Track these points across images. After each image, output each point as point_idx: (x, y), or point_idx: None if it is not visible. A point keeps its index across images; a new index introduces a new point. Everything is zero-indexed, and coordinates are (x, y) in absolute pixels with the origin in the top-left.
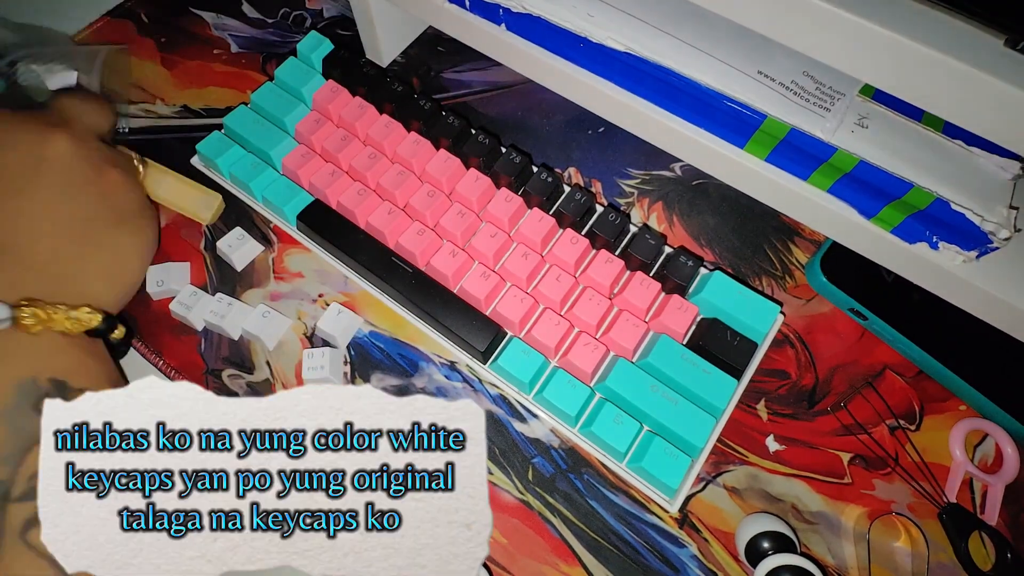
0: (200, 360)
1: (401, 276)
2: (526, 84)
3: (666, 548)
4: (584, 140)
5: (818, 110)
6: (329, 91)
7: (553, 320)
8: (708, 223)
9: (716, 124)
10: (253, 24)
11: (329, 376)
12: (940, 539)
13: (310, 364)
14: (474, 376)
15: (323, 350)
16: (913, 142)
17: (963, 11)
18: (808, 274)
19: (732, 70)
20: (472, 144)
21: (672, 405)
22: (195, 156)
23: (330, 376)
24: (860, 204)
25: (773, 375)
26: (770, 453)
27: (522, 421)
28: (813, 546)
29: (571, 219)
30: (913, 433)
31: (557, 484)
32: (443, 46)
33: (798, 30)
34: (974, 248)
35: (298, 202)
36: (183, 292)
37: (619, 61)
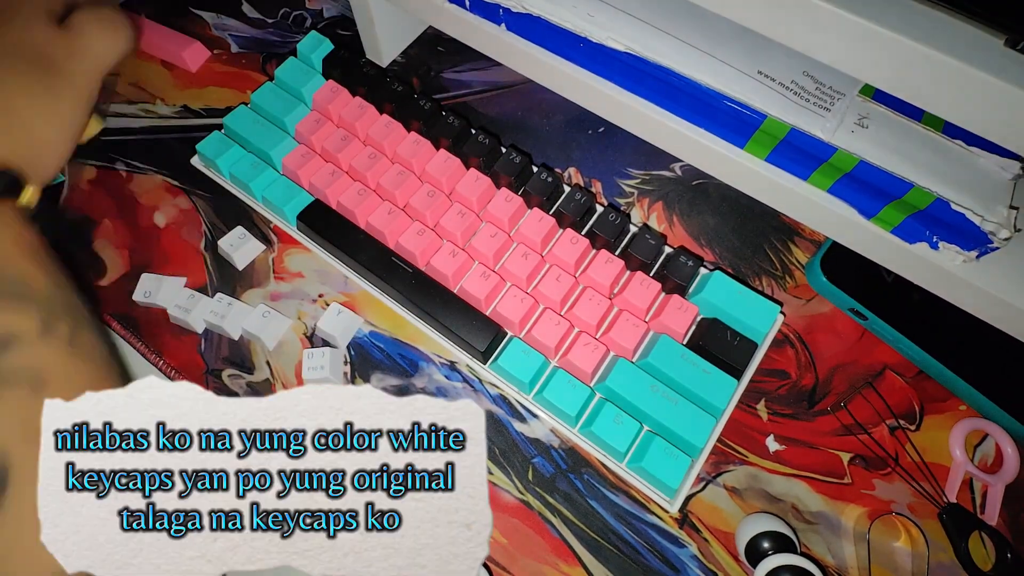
0: (200, 360)
1: (401, 276)
2: (526, 84)
3: (666, 548)
4: (584, 140)
5: (818, 110)
6: (329, 91)
7: (553, 320)
8: (708, 223)
9: (716, 124)
10: (253, 24)
11: (329, 376)
12: (940, 539)
13: (310, 364)
14: (474, 376)
15: (323, 350)
16: (913, 142)
17: (963, 11)
18: (808, 274)
19: (732, 70)
20: (472, 144)
21: (672, 405)
22: (195, 156)
23: (330, 376)
24: (860, 204)
25: (773, 375)
26: (770, 453)
27: (522, 421)
28: (813, 546)
29: (571, 219)
30: (913, 433)
31: (557, 484)
32: (443, 46)
33: (798, 30)
34: (974, 248)
35: (298, 202)
36: (180, 296)
37: (619, 61)
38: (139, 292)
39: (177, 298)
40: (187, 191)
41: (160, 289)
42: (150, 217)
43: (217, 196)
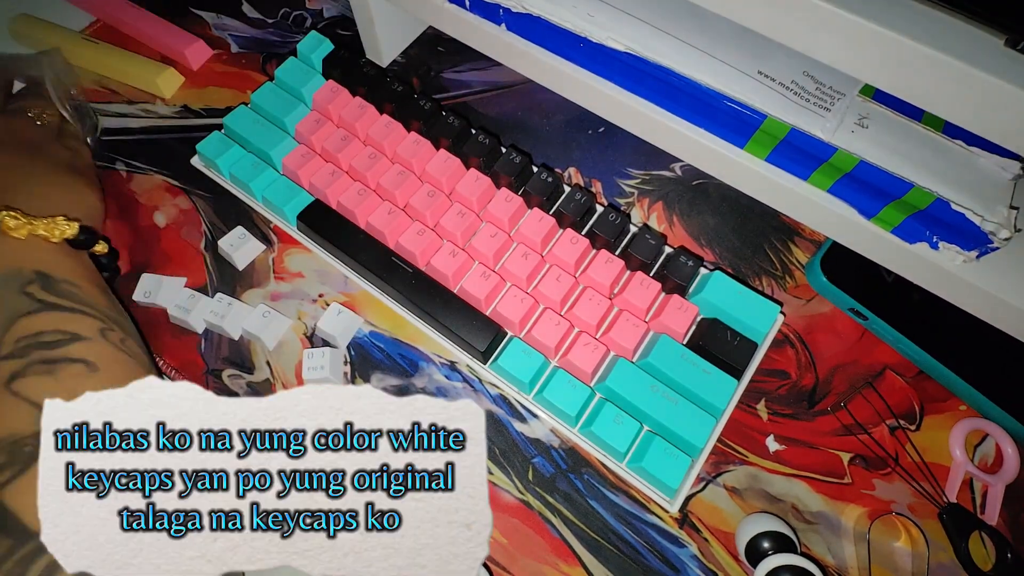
0: (200, 360)
1: (401, 276)
2: (526, 84)
3: (666, 548)
4: (584, 140)
5: (818, 110)
6: (329, 91)
7: (553, 320)
8: (708, 223)
9: (716, 124)
10: (253, 24)
11: (329, 376)
12: (940, 539)
13: (310, 364)
14: (474, 376)
15: (323, 350)
16: (913, 142)
17: (963, 11)
18: (808, 274)
19: (732, 70)
20: (472, 144)
21: (672, 405)
22: (195, 156)
23: (330, 376)
24: (860, 204)
25: (773, 375)
26: (770, 453)
27: (522, 421)
28: (813, 546)
29: (571, 219)
30: (913, 433)
31: (557, 484)
32: (443, 46)
33: (798, 30)
34: (974, 248)
35: (298, 202)
36: (180, 296)
37: (619, 61)
38: (139, 292)
39: (177, 298)
40: (187, 191)
41: (160, 289)
42: (150, 217)
43: (217, 196)
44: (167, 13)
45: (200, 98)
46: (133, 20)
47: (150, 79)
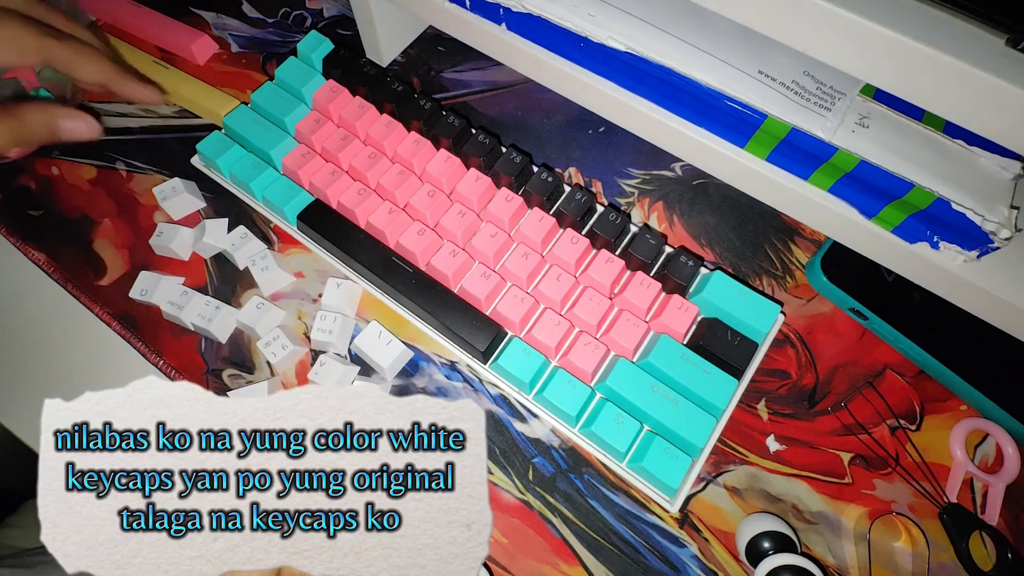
0: (200, 360)
1: (401, 276)
2: (526, 84)
3: (666, 548)
4: (584, 140)
5: (819, 110)
6: (329, 91)
7: (553, 320)
8: (708, 223)
9: (717, 124)
10: (253, 24)
11: (334, 342)
12: (941, 539)
13: (320, 326)
14: (474, 376)
15: (335, 315)
16: (914, 142)
17: (964, 11)
18: (808, 274)
19: (733, 70)
20: (472, 144)
21: (672, 405)
22: (195, 156)
23: (335, 342)
24: (861, 204)
25: (773, 375)
26: (770, 453)
27: (522, 421)
28: (813, 546)
29: (571, 219)
30: (913, 433)
31: (557, 484)
32: (443, 46)
33: (798, 30)
34: (975, 248)
35: (298, 202)
36: (174, 293)
37: (619, 60)
38: (136, 289)
39: (170, 295)
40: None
41: (157, 287)
42: (150, 217)
43: (217, 196)
44: (167, 13)
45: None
46: (135, 18)
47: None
